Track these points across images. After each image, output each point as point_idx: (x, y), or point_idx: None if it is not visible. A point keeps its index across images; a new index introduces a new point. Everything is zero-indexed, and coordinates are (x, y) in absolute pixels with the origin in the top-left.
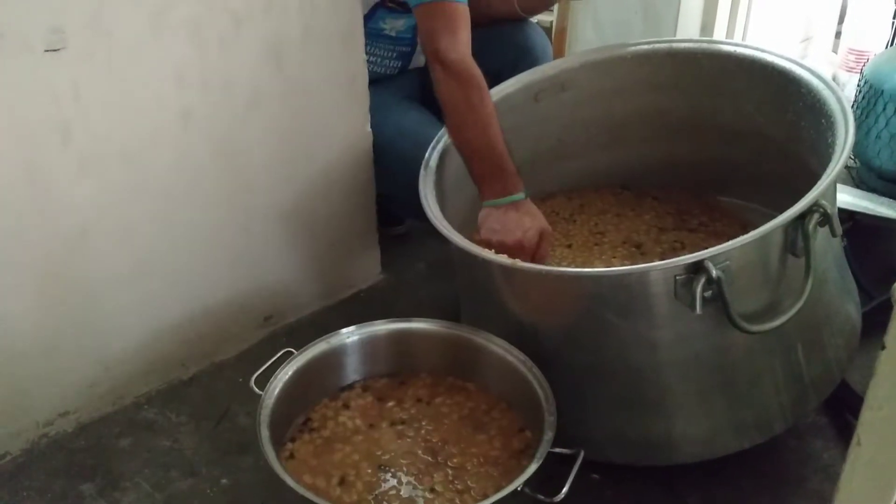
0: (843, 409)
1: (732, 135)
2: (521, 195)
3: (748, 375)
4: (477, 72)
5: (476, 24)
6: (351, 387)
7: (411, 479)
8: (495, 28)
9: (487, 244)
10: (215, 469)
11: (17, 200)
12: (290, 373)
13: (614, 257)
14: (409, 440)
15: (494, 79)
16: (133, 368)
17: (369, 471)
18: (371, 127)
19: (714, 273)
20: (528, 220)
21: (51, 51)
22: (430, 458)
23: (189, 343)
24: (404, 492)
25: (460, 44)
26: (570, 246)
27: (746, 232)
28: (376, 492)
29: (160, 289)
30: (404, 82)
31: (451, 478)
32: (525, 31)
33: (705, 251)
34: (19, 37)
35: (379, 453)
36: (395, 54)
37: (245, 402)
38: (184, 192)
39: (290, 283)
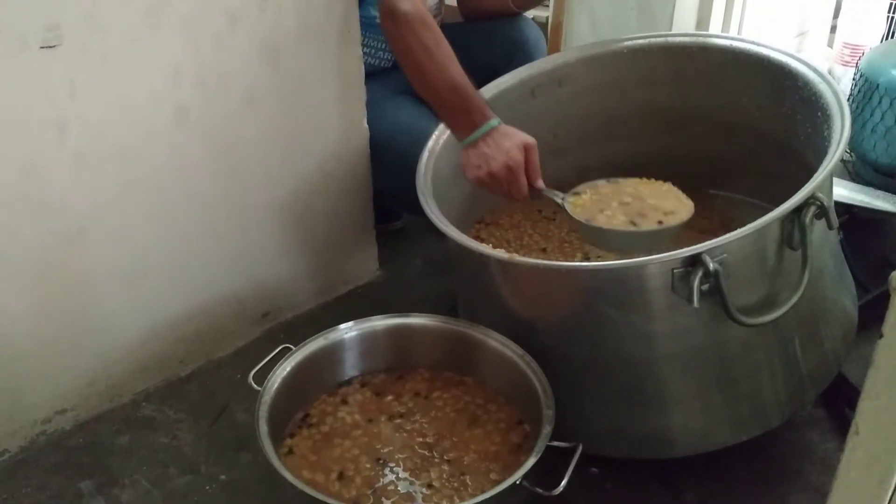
0: (840, 401)
1: (728, 129)
2: (492, 123)
3: (745, 368)
4: (430, 18)
5: (470, 20)
6: (349, 382)
7: (408, 473)
8: (489, 23)
9: (477, 182)
10: (214, 466)
11: (13, 198)
12: (288, 368)
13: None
14: (407, 434)
15: (490, 74)
16: (131, 366)
17: (368, 465)
18: (366, 122)
19: (711, 266)
20: (506, 142)
21: (46, 48)
22: (427, 453)
23: (186, 340)
24: (402, 486)
25: None
26: (544, 250)
27: (730, 229)
28: (375, 486)
29: (157, 286)
30: (399, 77)
31: (449, 472)
32: (518, 25)
33: (702, 244)
34: (14, 34)
35: (378, 447)
36: (387, 45)
37: (243, 398)
38: (180, 190)
39: (287, 280)
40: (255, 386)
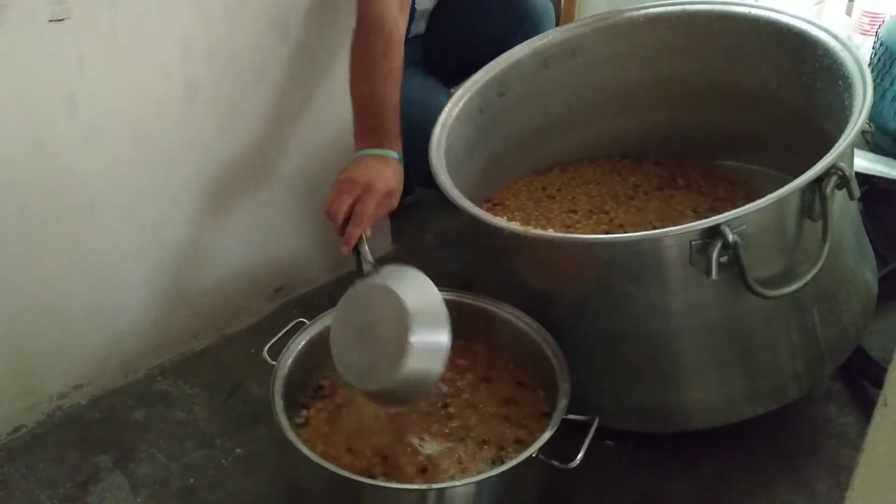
0: (858, 374)
1: (747, 99)
2: (395, 154)
3: (764, 341)
4: (392, 26)
5: None
6: None
7: (423, 444)
8: None
9: (336, 183)
10: (229, 440)
11: (24, 174)
12: (302, 343)
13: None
14: (421, 405)
15: (496, 45)
16: (145, 341)
17: (380, 437)
18: None
19: (730, 238)
20: (391, 174)
21: (55, 21)
22: (440, 425)
23: (200, 315)
24: (415, 457)
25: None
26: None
27: (750, 201)
28: (387, 457)
29: (170, 262)
30: (410, 48)
31: (464, 441)
32: None
33: (722, 216)
34: (23, 6)
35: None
36: None
37: (257, 373)
38: (191, 165)
39: (299, 255)
40: (269, 360)
